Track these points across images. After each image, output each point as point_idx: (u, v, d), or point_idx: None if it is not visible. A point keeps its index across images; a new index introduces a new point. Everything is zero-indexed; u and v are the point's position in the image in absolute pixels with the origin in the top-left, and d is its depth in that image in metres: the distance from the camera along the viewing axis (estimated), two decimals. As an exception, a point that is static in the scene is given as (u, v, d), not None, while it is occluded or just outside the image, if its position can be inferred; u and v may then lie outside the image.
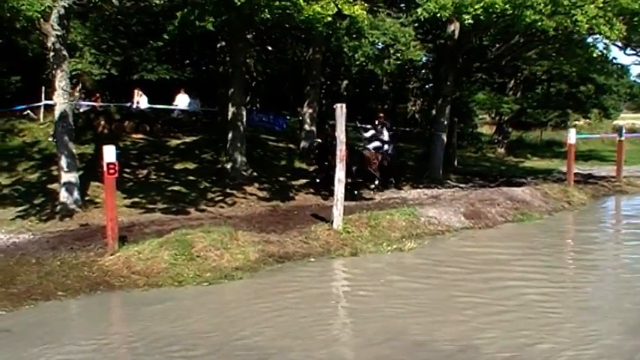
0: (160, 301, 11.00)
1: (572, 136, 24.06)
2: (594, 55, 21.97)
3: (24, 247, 13.94)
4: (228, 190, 19.65)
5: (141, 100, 27.92)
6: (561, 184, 22.70)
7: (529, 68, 35.20)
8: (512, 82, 37.80)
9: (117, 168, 12.88)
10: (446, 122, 25.58)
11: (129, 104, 27.88)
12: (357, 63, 23.41)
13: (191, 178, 20.67)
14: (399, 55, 21.24)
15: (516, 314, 10.25)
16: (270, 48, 28.78)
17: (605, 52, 23.03)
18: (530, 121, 41.83)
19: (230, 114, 21.36)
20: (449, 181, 24.90)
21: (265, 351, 8.83)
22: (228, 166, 21.31)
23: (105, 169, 12.76)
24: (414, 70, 35.10)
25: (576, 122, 40.52)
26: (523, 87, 38.28)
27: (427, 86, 36.81)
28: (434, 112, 26.91)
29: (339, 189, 15.21)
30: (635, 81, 32.98)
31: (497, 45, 26.14)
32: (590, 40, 22.57)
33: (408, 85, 38.51)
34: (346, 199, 15.87)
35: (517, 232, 17.18)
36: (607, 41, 20.83)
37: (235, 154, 21.12)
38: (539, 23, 18.59)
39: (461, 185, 24.14)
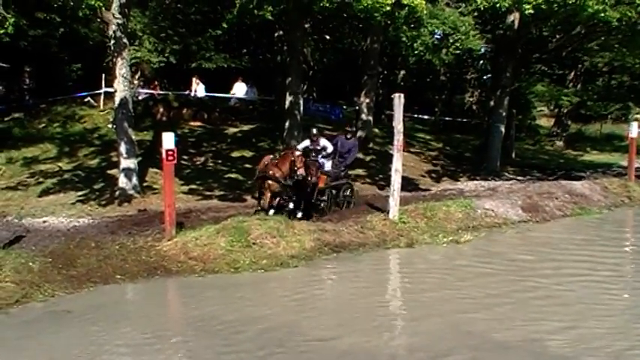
0: (216, 287, 11.09)
1: (633, 130, 23.47)
2: (659, 46, 21.49)
3: (84, 230, 14.25)
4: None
5: (199, 89, 28.18)
6: (621, 179, 22.19)
7: (590, 60, 34.56)
8: (573, 73, 37.17)
9: (175, 155, 12.96)
10: (504, 114, 25.32)
11: (187, 92, 28.16)
12: (415, 53, 23.24)
13: (248, 166, 20.77)
14: (457, 44, 21.08)
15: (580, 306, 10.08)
16: (327, 37, 28.73)
17: (669, 43, 22.52)
18: (590, 113, 41.09)
19: (287, 103, 21.45)
20: (506, 174, 24.65)
21: (318, 339, 8.84)
22: (284, 154, 21.40)
23: (164, 155, 12.86)
24: (472, 60, 34.78)
25: (638, 115, 39.55)
26: (583, 79, 37.61)
27: (485, 77, 36.43)
28: (492, 103, 26.65)
29: (396, 179, 15.10)
30: (700, 73, 32.04)
31: (558, 36, 25.76)
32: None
33: (465, 75, 38.15)
34: (403, 189, 15.78)
35: (576, 226, 16.86)
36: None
37: (292, 143, 21.15)
38: (602, 14, 18.26)
39: (518, 178, 23.87)
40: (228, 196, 18.09)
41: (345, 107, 30.64)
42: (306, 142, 16.73)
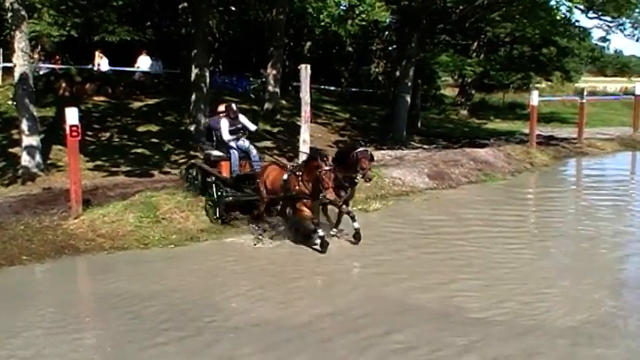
0: (126, 263, 11.00)
1: (534, 99, 24.22)
2: (557, 17, 22.10)
3: (-14, 211, 13.80)
4: (192, 152, 19.49)
5: (102, 62, 27.58)
6: (524, 146, 22.86)
7: (492, 30, 35.31)
8: (476, 44, 37.89)
9: (79, 131, 12.68)
10: (409, 84, 25.63)
11: (90, 66, 27.53)
12: (321, 24, 23.31)
13: (154, 140, 20.55)
14: (363, 16, 21.17)
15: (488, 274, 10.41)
16: (233, 8, 28.51)
17: (568, 14, 23.15)
18: (493, 83, 42.04)
19: (193, 76, 21.23)
20: (412, 143, 25.03)
21: (229, 311, 8.93)
22: (192, 128, 21.23)
23: (67, 131, 12.56)
24: (378, 31, 35.04)
25: (538, 85, 40.73)
26: (486, 49, 38.38)
27: (391, 48, 36.74)
28: (397, 73, 26.91)
29: (304, 150, 15.15)
30: (596, 44, 33.14)
31: (461, 6, 26.13)
32: (553, 2, 22.68)
33: (371, 47, 38.42)
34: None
35: (481, 191, 17.33)
36: (570, 4, 20.93)
37: (199, 116, 21.00)
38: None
39: (424, 146, 24.27)
40: (135, 172, 17.84)
41: (251, 79, 30.48)
42: (226, 124, 13.39)
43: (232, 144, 13.43)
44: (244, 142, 13.70)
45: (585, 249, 12.22)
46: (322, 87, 33.64)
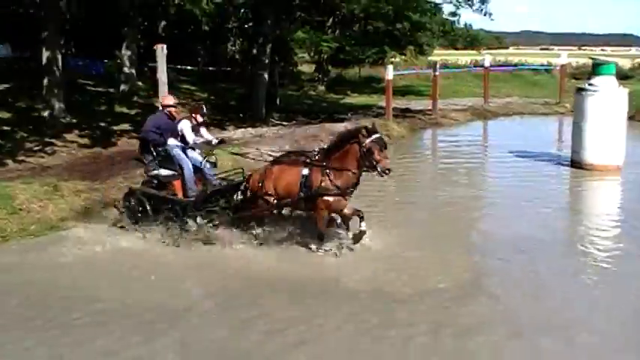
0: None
1: (389, 73, 24.97)
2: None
3: None
4: (47, 139, 18.89)
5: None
6: (381, 119, 23.42)
7: (347, 6, 35.70)
8: (331, 20, 38.26)
9: None
10: (267, 61, 25.69)
11: None
12: (175, 3, 22.96)
13: (6, 128, 19.67)
14: (218, -7, 21.02)
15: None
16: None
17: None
18: (349, 58, 42.46)
19: (44, 59, 20.42)
20: (272, 120, 25.17)
21: (89, 297, 8.94)
22: (46, 113, 20.47)
23: None
24: (234, 9, 34.80)
25: (393, 59, 41.56)
26: (341, 25, 38.82)
27: (247, 26, 36.62)
28: (254, 51, 26.92)
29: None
30: (447, 19, 34.12)
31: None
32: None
33: (228, 25, 38.15)
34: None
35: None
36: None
37: (52, 101, 20.30)
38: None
39: (284, 123, 24.50)
40: (-15, 161, 17.15)
41: (106, 61, 29.70)
42: (188, 125, 11.72)
43: (182, 155, 11.58)
44: (193, 153, 11.89)
45: (443, 213, 12.80)
46: (179, 67, 33.16)
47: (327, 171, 10.28)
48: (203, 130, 12.04)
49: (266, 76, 25.68)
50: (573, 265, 10.16)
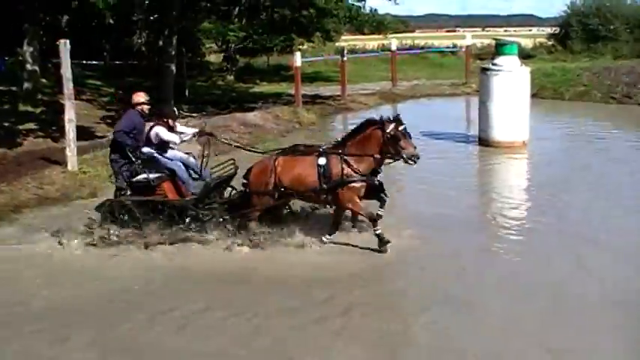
0: None
1: (297, 60, 25.13)
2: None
3: None
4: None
5: None
6: (290, 106, 23.61)
7: (253, -5, 35.69)
8: (237, 9, 38.10)
9: None
10: (174, 53, 25.48)
11: None
12: (75, -4, 22.53)
13: None
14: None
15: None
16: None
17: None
18: (256, 47, 42.50)
19: (-60, 59, 19.83)
20: (181, 112, 24.97)
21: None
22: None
23: None
24: (138, 1, 34.31)
25: (301, 46, 41.73)
26: (248, 14, 38.69)
27: (152, 18, 36.16)
28: (161, 43, 26.64)
29: (71, 129, 14.86)
30: (353, 4, 34.40)
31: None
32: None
33: (132, 17, 37.58)
34: (79, 139, 15.54)
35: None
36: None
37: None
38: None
39: (194, 114, 24.40)
40: None
41: (7, 58, 28.93)
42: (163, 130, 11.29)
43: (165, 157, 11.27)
44: (173, 152, 11.56)
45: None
46: (84, 62, 32.56)
47: (347, 158, 10.21)
48: (181, 128, 11.95)
49: (173, 67, 25.45)
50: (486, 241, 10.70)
